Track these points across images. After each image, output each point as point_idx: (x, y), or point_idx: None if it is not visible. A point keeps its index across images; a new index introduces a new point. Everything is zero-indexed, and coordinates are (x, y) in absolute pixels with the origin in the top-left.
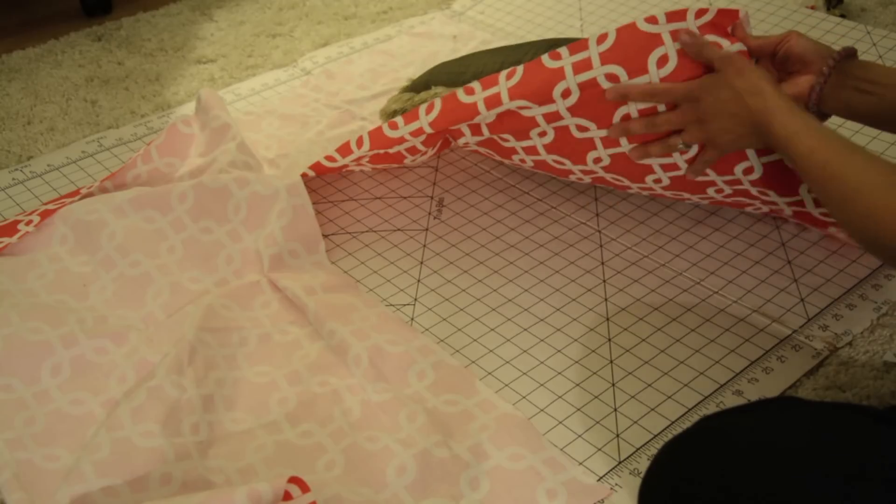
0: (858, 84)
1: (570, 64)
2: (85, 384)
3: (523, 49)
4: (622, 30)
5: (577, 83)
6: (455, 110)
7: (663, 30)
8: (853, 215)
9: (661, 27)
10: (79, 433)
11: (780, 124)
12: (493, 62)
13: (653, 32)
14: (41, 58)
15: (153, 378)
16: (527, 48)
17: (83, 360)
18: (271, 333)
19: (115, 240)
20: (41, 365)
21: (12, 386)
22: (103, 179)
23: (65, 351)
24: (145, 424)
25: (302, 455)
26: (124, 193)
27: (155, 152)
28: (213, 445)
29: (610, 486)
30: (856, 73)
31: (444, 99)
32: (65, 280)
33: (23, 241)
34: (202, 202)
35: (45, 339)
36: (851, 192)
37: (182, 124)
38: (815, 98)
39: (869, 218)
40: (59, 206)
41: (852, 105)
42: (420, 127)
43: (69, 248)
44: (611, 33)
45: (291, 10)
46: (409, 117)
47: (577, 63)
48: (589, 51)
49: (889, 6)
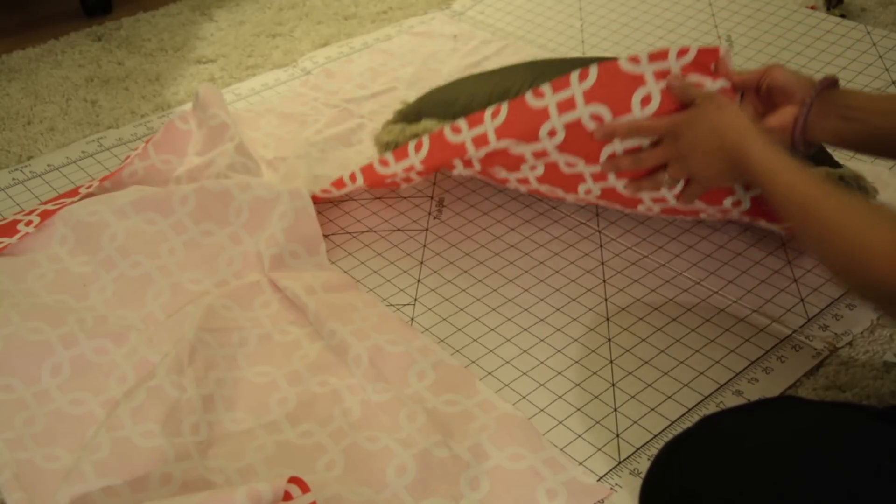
0: (842, 111)
1: (555, 104)
2: (85, 384)
3: (512, 76)
4: (604, 68)
5: (562, 123)
6: (444, 149)
7: (646, 70)
8: (831, 253)
9: (644, 67)
10: (79, 433)
11: (757, 160)
12: (482, 91)
13: (635, 73)
14: (41, 58)
15: (153, 378)
16: (515, 75)
17: (83, 359)
18: (271, 333)
19: (116, 241)
20: (41, 365)
21: (12, 386)
22: (102, 179)
23: (65, 351)
24: (145, 424)
25: (302, 455)
26: (126, 195)
27: (152, 149)
28: (213, 445)
29: (610, 486)
30: (839, 101)
31: (433, 137)
32: (65, 280)
33: (23, 242)
34: (204, 205)
35: (45, 339)
36: (830, 232)
37: (180, 120)
38: (799, 128)
39: (847, 256)
40: (59, 207)
41: (838, 132)
42: (411, 164)
43: (69, 249)
44: (592, 70)
45: (291, 10)
46: (400, 154)
47: (562, 102)
48: (572, 88)
49: (889, 6)
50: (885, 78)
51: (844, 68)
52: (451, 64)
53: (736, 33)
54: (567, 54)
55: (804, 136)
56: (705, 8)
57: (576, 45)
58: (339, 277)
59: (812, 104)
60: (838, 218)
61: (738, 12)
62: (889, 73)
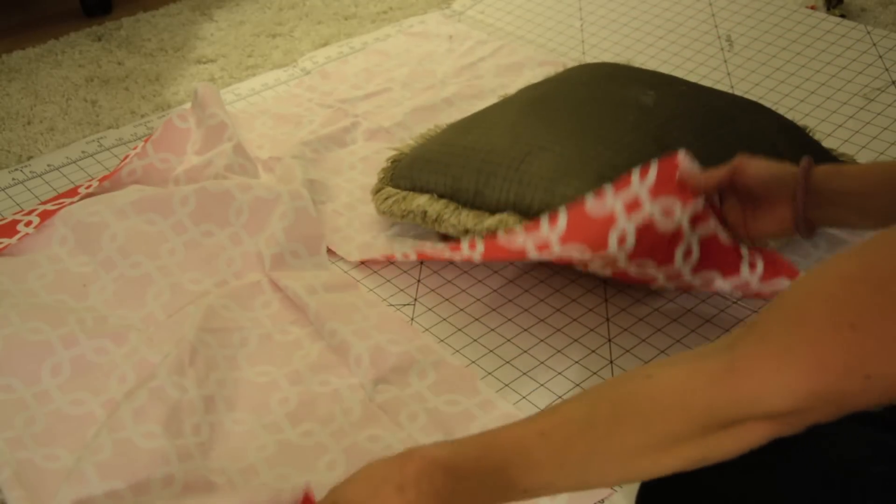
0: (832, 198)
1: (534, 249)
2: (85, 384)
3: (500, 138)
4: (573, 212)
5: (538, 257)
6: (500, 250)
7: (615, 204)
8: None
9: (611, 200)
10: (79, 433)
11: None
12: (472, 161)
13: (604, 215)
14: (41, 58)
15: (154, 378)
16: (503, 138)
17: (83, 360)
18: (272, 333)
19: (116, 241)
20: (41, 365)
21: (12, 386)
22: (101, 179)
23: (65, 351)
24: (147, 425)
25: (303, 455)
26: (126, 195)
27: (150, 148)
28: (214, 446)
29: (610, 487)
30: (822, 188)
31: (486, 239)
32: (65, 280)
33: (22, 242)
34: (204, 206)
35: (45, 339)
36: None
37: (178, 118)
38: (803, 228)
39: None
40: (59, 207)
41: (837, 219)
42: (469, 255)
43: (69, 249)
44: (561, 216)
45: (291, 10)
46: (454, 247)
47: (539, 245)
48: (544, 232)
49: (889, 6)
50: (885, 78)
51: (844, 68)
52: (447, 65)
53: (736, 33)
54: (567, 54)
55: (808, 231)
56: (705, 8)
57: (576, 45)
58: (339, 277)
59: (804, 201)
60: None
61: (738, 12)
62: (889, 73)
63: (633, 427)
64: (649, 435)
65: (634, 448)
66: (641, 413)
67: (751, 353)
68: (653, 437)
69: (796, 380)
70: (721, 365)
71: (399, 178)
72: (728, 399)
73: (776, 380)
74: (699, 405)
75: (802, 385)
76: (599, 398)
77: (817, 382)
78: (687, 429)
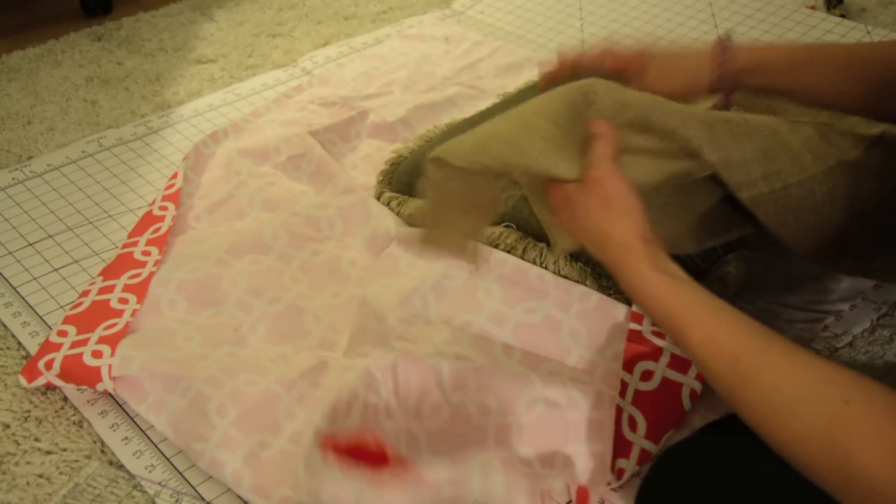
0: (753, 70)
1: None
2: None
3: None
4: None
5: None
6: None
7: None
8: (783, 436)
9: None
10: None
11: (647, 295)
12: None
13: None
14: (41, 58)
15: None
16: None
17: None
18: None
19: (239, 285)
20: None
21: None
22: (159, 248)
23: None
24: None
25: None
26: (215, 248)
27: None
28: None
29: (611, 487)
30: (741, 62)
31: None
32: (212, 334)
33: (135, 319)
34: (296, 233)
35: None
36: (781, 412)
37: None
38: (723, 84)
39: (815, 449)
40: (139, 278)
41: (763, 85)
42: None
43: (185, 310)
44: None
45: (291, 10)
46: None
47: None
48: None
49: (889, 6)
50: None
51: None
52: (446, 66)
53: (736, 33)
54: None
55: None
56: (705, 8)
57: (576, 45)
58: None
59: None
60: (790, 391)
61: (738, 12)
62: None
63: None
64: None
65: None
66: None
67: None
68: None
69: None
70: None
71: (397, 181)
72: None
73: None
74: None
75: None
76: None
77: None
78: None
